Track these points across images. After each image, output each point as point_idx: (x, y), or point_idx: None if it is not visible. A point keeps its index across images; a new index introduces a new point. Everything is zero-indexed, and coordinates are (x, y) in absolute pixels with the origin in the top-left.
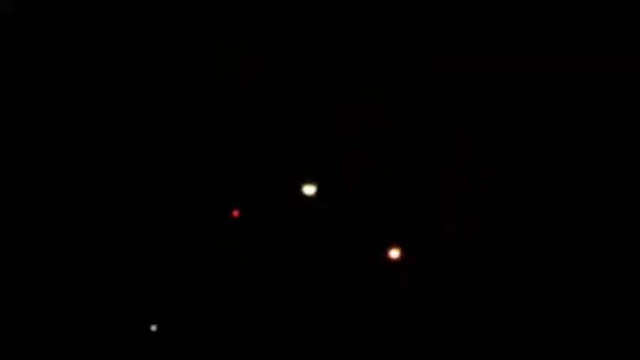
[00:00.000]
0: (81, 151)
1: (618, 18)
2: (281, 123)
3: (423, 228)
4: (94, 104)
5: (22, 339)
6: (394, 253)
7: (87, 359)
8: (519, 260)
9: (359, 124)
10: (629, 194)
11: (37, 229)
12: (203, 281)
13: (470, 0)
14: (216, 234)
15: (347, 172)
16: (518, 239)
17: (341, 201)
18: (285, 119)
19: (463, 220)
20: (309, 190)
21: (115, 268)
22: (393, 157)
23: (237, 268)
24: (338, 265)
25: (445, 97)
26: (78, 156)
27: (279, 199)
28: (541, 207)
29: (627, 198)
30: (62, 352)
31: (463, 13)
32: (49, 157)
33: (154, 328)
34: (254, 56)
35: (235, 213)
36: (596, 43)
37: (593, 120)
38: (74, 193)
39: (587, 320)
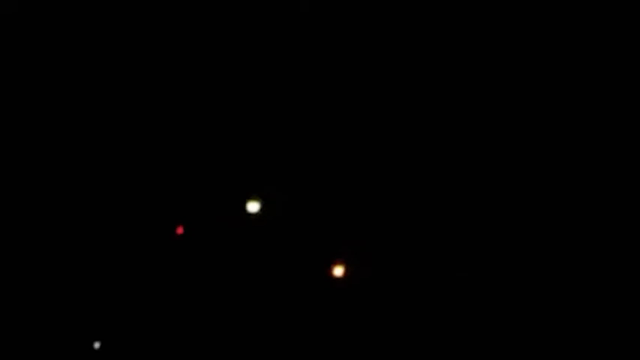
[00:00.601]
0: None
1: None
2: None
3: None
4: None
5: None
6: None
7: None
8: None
9: (358, 124)
10: (630, 194)
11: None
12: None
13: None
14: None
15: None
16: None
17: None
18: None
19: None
20: (254, 207)
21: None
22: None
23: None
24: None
25: (445, 97)
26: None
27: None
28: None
29: (627, 198)
30: (62, 352)
31: (463, 13)
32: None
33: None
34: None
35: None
36: (597, 43)
37: (593, 120)
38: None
39: (587, 320)
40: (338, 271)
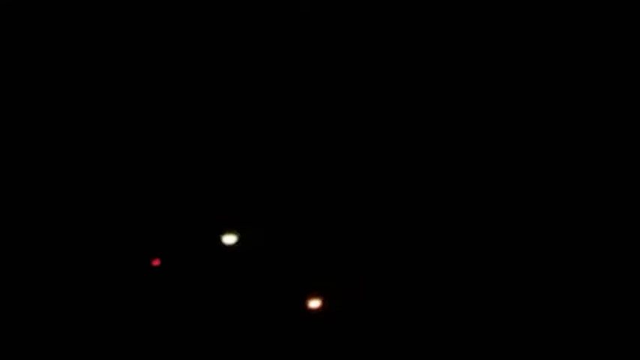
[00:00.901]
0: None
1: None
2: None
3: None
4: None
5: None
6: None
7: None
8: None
9: (357, 124)
10: (630, 194)
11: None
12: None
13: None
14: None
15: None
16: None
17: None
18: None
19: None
20: (230, 239)
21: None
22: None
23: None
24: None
25: (445, 97)
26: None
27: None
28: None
29: (628, 198)
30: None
31: (463, 14)
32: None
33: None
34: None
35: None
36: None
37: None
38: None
39: (587, 320)
40: (314, 304)
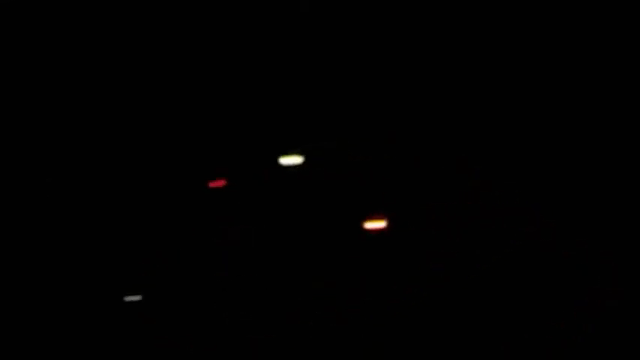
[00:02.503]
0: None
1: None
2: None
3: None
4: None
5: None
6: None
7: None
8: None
9: (357, 124)
10: (630, 194)
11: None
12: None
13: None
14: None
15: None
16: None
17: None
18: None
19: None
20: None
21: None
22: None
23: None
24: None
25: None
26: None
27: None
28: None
29: (628, 198)
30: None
31: (463, 14)
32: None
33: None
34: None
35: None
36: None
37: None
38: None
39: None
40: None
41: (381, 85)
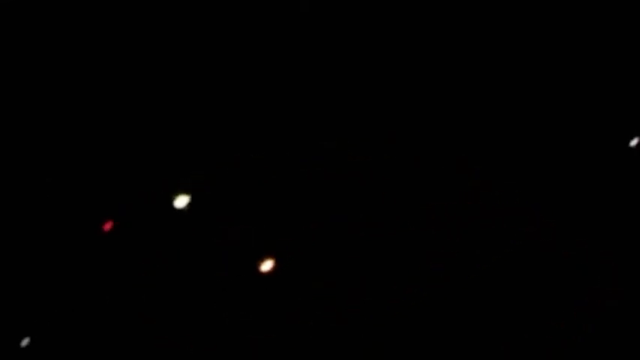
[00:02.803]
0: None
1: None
2: (278, 123)
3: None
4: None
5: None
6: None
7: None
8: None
9: (356, 124)
10: (630, 194)
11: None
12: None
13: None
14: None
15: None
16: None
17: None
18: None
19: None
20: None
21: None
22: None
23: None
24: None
25: (445, 97)
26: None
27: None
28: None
29: (628, 198)
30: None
31: (463, 14)
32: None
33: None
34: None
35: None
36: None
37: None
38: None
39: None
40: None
41: (381, 85)
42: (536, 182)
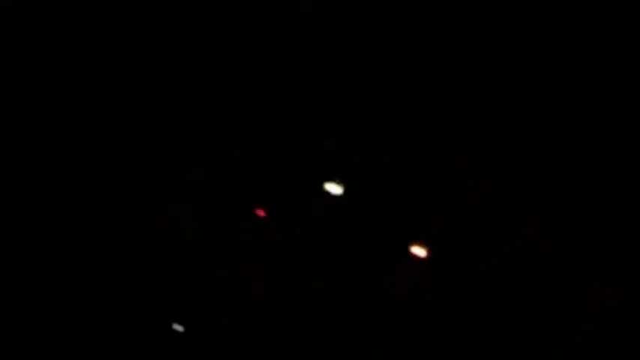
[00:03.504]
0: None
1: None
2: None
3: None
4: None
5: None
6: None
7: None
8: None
9: (357, 124)
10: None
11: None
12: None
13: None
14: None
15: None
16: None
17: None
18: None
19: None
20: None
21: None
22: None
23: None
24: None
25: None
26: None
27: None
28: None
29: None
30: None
31: (463, 14)
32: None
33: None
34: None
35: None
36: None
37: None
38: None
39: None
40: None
41: (381, 85)
42: (536, 182)
